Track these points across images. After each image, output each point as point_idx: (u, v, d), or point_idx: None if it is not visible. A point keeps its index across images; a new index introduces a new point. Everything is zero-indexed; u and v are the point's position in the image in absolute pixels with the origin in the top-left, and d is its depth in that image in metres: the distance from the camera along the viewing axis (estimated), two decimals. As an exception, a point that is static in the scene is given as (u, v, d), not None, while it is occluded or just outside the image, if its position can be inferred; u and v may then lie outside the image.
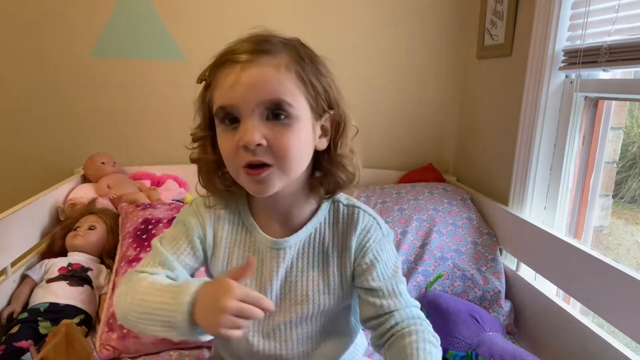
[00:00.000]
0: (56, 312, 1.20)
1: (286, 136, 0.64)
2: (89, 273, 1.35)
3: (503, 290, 1.37)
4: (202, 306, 0.60)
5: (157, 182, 1.82)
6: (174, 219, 1.37)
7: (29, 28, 1.75)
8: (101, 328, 1.18)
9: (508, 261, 1.47)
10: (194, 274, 0.79)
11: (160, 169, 1.87)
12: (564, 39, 1.30)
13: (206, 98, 0.70)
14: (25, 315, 1.18)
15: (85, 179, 1.76)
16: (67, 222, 1.48)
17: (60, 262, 1.35)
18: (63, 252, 1.42)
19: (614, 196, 1.37)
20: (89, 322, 1.26)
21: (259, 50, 0.64)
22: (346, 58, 1.88)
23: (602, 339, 1.03)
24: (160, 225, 1.38)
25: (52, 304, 1.21)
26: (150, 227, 1.38)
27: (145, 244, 1.33)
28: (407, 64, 1.96)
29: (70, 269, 1.33)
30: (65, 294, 1.25)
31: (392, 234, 0.80)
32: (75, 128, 1.85)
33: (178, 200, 1.75)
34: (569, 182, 1.36)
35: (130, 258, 1.30)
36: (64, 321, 1.02)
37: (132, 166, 1.85)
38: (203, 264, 0.80)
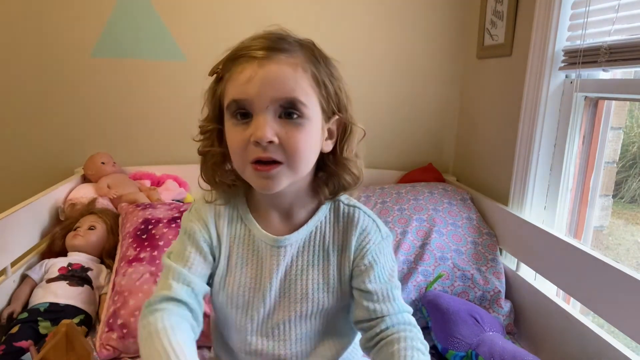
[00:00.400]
0: (56, 312, 1.20)
1: (298, 135, 0.64)
2: (89, 273, 1.35)
3: (503, 290, 1.37)
4: None
5: (157, 182, 1.83)
6: (174, 219, 1.40)
7: (29, 28, 1.75)
8: (101, 328, 1.18)
9: (508, 261, 1.47)
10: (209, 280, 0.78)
11: (160, 169, 1.87)
12: (564, 39, 1.30)
13: (217, 91, 0.69)
14: (25, 315, 1.18)
15: (85, 179, 1.76)
16: (67, 222, 1.48)
17: (60, 262, 1.35)
18: (63, 252, 1.42)
19: (614, 196, 1.37)
20: (89, 322, 1.26)
21: (276, 48, 0.64)
22: (346, 58, 1.85)
23: (602, 339, 1.03)
24: (160, 225, 1.38)
25: (52, 304, 1.21)
26: (150, 227, 1.38)
27: (146, 244, 1.33)
28: (407, 64, 1.96)
29: (70, 269, 1.33)
30: (65, 294, 1.25)
31: (391, 237, 0.80)
32: (75, 128, 1.85)
33: (178, 200, 1.75)
34: (569, 182, 1.36)
35: (130, 258, 1.30)
36: (64, 321, 1.02)
37: (132, 166, 1.85)
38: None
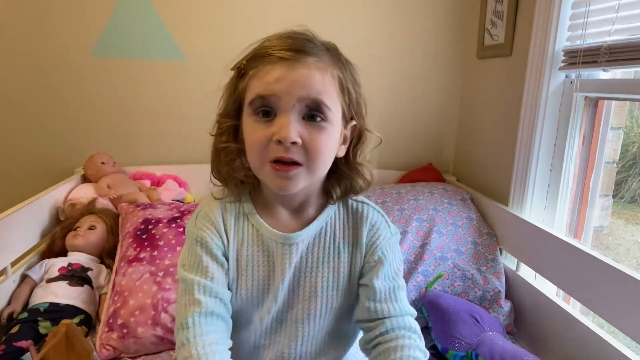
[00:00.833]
0: (56, 312, 1.20)
1: (320, 138, 0.65)
2: (89, 273, 1.35)
3: (503, 290, 1.37)
4: None
5: (157, 182, 1.83)
6: (174, 219, 1.40)
7: (29, 28, 1.75)
8: (101, 328, 1.18)
9: (508, 261, 1.48)
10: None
11: (160, 169, 1.87)
12: (564, 39, 1.30)
13: (238, 87, 0.68)
14: (25, 315, 1.18)
15: (85, 179, 1.76)
16: (67, 222, 1.48)
17: (60, 262, 1.35)
18: (63, 252, 1.42)
19: (614, 196, 1.37)
20: (89, 322, 1.26)
21: (304, 51, 0.64)
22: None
23: (602, 339, 1.03)
24: (160, 225, 1.38)
25: (52, 304, 1.21)
26: (150, 227, 1.38)
27: (146, 244, 1.33)
28: (407, 64, 1.96)
29: (70, 269, 1.33)
30: (65, 294, 1.25)
31: (398, 235, 0.80)
32: (75, 128, 1.85)
33: (178, 200, 1.75)
34: (569, 182, 1.36)
35: (130, 258, 1.30)
36: (64, 321, 1.02)
37: (132, 166, 1.85)
38: None
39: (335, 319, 0.78)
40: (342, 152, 0.72)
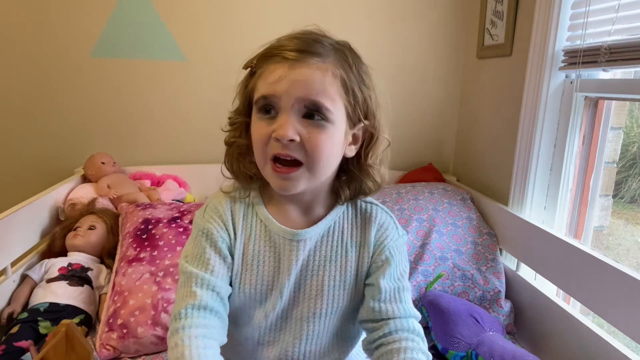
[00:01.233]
0: (56, 312, 1.20)
1: (318, 136, 0.65)
2: (89, 273, 1.35)
3: (503, 290, 1.37)
4: None
5: (157, 182, 1.83)
6: (174, 218, 1.40)
7: (29, 28, 1.75)
8: (101, 328, 1.18)
9: (508, 261, 1.48)
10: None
11: (160, 169, 1.87)
12: (564, 39, 1.30)
13: (249, 85, 0.70)
14: (25, 315, 1.18)
15: (85, 179, 1.76)
16: (67, 222, 1.48)
17: (60, 262, 1.35)
18: (63, 252, 1.42)
19: (614, 196, 1.36)
20: (89, 322, 1.26)
21: (309, 51, 0.65)
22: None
23: (602, 339, 1.03)
24: (160, 225, 1.38)
25: (52, 304, 1.21)
26: (150, 227, 1.38)
27: (146, 244, 1.33)
28: (407, 64, 1.96)
29: (70, 269, 1.33)
30: (65, 293, 1.25)
31: (406, 236, 0.81)
32: (75, 128, 1.85)
33: (178, 200, 1.75)
34: (569, 182, 1.36)
35: (130, 258, 1.30)
36: (64, 321, 1.02)
37: (132, 166, 1.85)
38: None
39: (340, 320, 0.78)
40: (351, 152, 0.72)
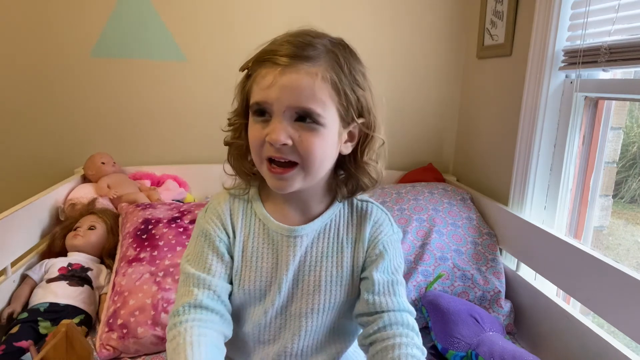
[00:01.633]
0: (56, 312, 1.20)
1: (311, 139, 0.66)
2: (89, 273, 1.35)
3: (503, 290, 1.37)
4: None
5: (157, 182, 1.83)
6: (174, 219, 1.40)
7: (29, 28, 1.75)
8: (101, 328, 1.18)
9: (508, 261, 1.48)
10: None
11: (160, 169, 1.87)
12: (564, 39, 1.30)
13: (245, 87, 0.71)
14: (25, 315, 1.18)
15: (85, 179, 1.76)
16: (67, 222, 1.48)
17: (60, 262, 1.35)
18: (63, 252, 1.42)
19: (614, 196, 1.36)
20: (89, 322, 1.26)
21: (299, 56, 0.65)
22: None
23: (602, 339, 1.03)
24: (160, 225, 1.38)
25: (52, 304, 1.21)
26: (150, 227, 1.38)
27: (146, 244, 1.33)
28: (407, 64, 1.96)
29: (70, 269, 1.33)
30: (65, 294, 1.25)
31: (401, 234, 0.82)
32: (75, 128, 1.85)
33: (178, 200, 1.75)
34: (569, 182, 1.36)
35: (130, 258, 1.30)
36: (64, 321, 1.02)
37: (132, 166, 1.85)
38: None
39: (337, 315, 0.79)
40: (347, 149, 0.73)
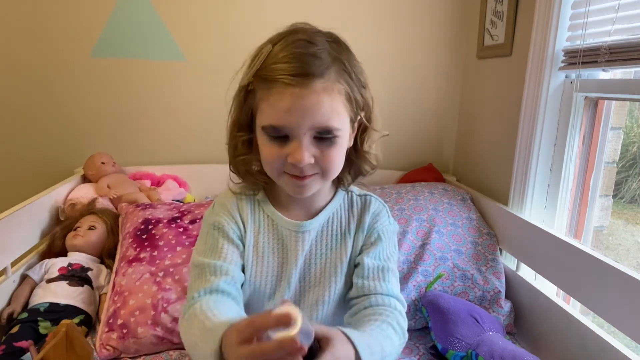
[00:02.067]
0: (56, 312, 1.20)
1: (332, 152, 0.69)
2: (89, 273, 1.35)
3: (503, 290, 1.37)
4: (225, 356, 0.57)
5: (157, 182, 1.83)
6: (174, 219, 1.40)
7: (29, 28, 1.75)
8: (101, 328, 1.18)
9: (508, 261, 1.47)
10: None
11: (160, 169, 1.87)
12: (564, 39, 1.30)
13: (248, 100, 0.70)
14: (25, 315, 1.18)
15: (85, 179, 1.76)
16: (67, 222, 1.48)
17: (60, 262, 1.35)
18: (63, 252, 1.42)
19: (614, 196, 1.36)
20: (89, 322, 1.26)
21: (310, 74, 0.64)
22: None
23: (602, 339, 1.03)
24: (160, 225, 1.38)
25: (52, 304, 1.22)
26: (150, 227, 1.38)
27: (146, 244, 1.33)
28: (407, 64, 1.96)
29: (70, 269, 1.33)
30: (65, 294, 1.25)
31: (397, 227, 0.85)
32: (75, 128, 1.85)
33: (178, 200, 1.75)
34: (569, 182, 1.36)
35: (130, 258, 1.30)
36: (64, 321, 1.02)
37: (132, 166, 1.85)
38: None
39: (338, 306, 0.81)
40: (350, 142, 0.75)
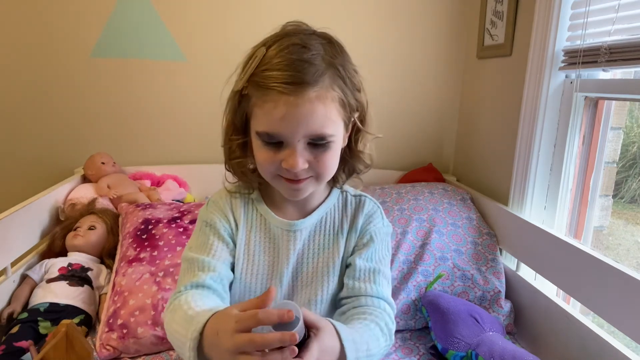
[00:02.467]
0: (56, 312, 1.20)
1: (326, 157, 0.69)
2: (89, 273, 1.35)
3: (503, 290, 1.37)
4: (208, 342, 0.59)
5: (157, 182, 1.83)
6: (174, 219, 1.40)
7: (29, 28, 1.75)
8: (101, 328, 1.18)
9: (508, 261, 1.48)
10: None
11: (160, 169, 1.87)
12: (564, 39, 1.30)
13: (242, 104, 0.70)
14: (25, 315, 1.18)
15: (85, 179, 1.76)
16: (67, 222, 1.48)
17: (60, 262, 1.35)
18: (63, 252, 1.42)
19: (614, 196, 1.36)
20: (89, 322, 1.26)
21: (304, 82, 0.64)
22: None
23: (602, 339, 1.03)
24: (160, 225, 1.38)
25: (52, 304, 1.22)
26: (150, 227, 1.38)
27: (146, 244, 1.33)
28: (407, 64, 1.96)
29: (70, 269, 1.33)
30: (65, 294, 1.25)
31: (390, 228, 0.84)
32: (75, 128, 1.85)
33: (178, 200, 1.75)
34: (569, 182, 1.36)
35: (130, 258, 1.30)
36: (64, 321, 1.02)
37: (132, 166, 1.85)
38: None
39: (331, 306, 0.81)
40: (345, 143, 0.75)
